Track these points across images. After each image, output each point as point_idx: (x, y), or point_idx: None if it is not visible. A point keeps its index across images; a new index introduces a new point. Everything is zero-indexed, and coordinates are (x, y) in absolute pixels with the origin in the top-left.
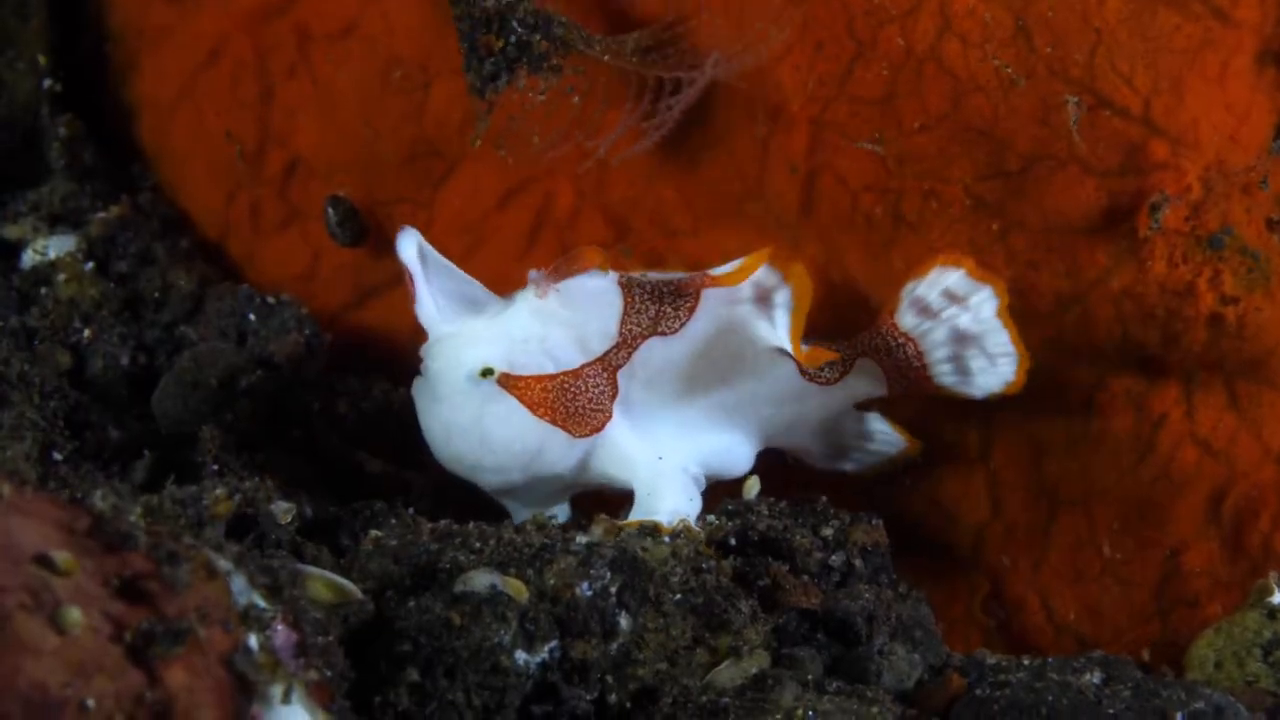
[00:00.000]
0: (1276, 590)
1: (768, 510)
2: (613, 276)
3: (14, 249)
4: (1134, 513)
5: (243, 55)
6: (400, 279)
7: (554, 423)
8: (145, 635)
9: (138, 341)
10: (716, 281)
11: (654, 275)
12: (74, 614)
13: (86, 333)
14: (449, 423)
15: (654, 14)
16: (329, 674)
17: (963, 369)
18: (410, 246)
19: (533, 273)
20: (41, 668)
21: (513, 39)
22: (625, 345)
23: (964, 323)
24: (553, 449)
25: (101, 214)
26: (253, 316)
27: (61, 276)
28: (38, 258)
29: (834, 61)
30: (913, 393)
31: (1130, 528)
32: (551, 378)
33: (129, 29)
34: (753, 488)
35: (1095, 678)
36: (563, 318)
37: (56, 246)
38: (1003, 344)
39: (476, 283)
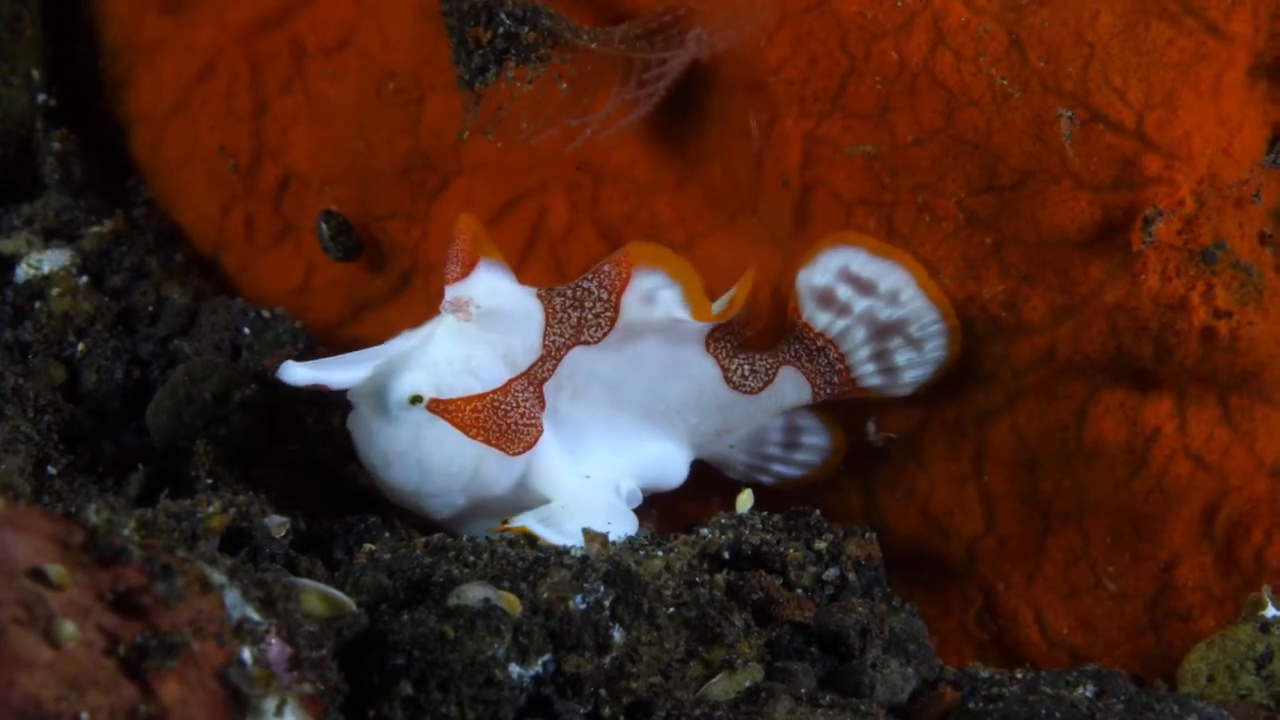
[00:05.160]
0: (1269, 604)
1: (761, 523)
2: (530, 290)
3: (8, 263)
4: (1127, 526)
5: (237, 69)
6: (395, 293)
7: (487, 442)
8: (139, 649)
9: (132, 355)
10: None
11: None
12: (68, 628)
13: (80, 347)
14: (385, 453)
15: (643, 5)
16: (322, 687)
17: (888, 367)
18: (297, 375)
19: (446, 297)
20: (35, 681)
21: (501, 30)
22: (550, 358)
23: (884, 315)
24: (489, 469)
25: (96, 228)
26: (247, 330)
27: (55, 291)
28: (32, 272)
29: (827, 76)
30: (839, 397)
31: (1123, 541)
32: (480, 397)
33: (123, 43)
34: (746, 501)
35: (1088, 691)
36: (483, 336)
37: (51, 261)
38: (931, 322)
39: (375, 348)
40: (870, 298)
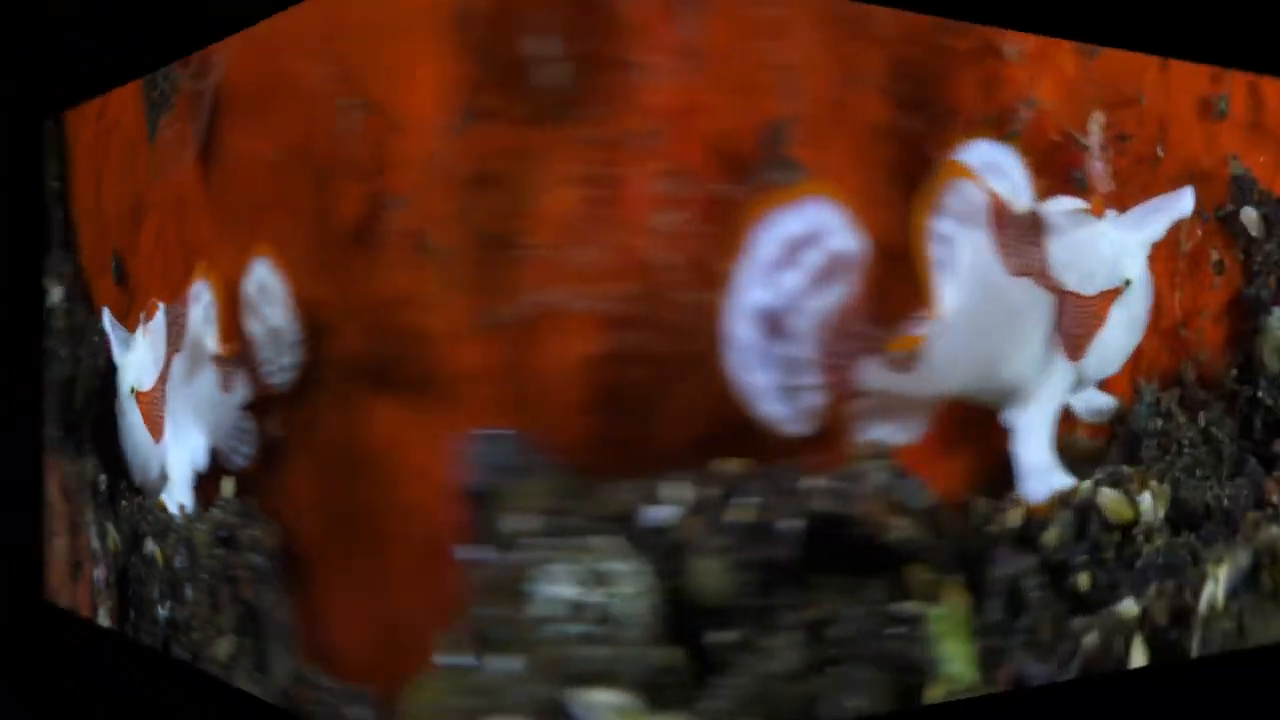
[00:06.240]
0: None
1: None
2: (169, 308)
3: None
4: (372, 543)
5: None
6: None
7: (149, 429)
8: None
9: None
10: None
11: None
12: None
13: None
14: (123, 429)
15: None
16: None
17: (279, 369)
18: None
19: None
20: None
21: (161, 90)
22: (167, 364)
23: (273, 322)
24: (151, 454)
25: None
26: None
27: None
28: None
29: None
30: (270, 394)
31: (369, 559)
32: (149, 393)
33: None
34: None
35: None
36: (147, 344)
37: None
38: (291, 330)
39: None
40: (271, 306)
